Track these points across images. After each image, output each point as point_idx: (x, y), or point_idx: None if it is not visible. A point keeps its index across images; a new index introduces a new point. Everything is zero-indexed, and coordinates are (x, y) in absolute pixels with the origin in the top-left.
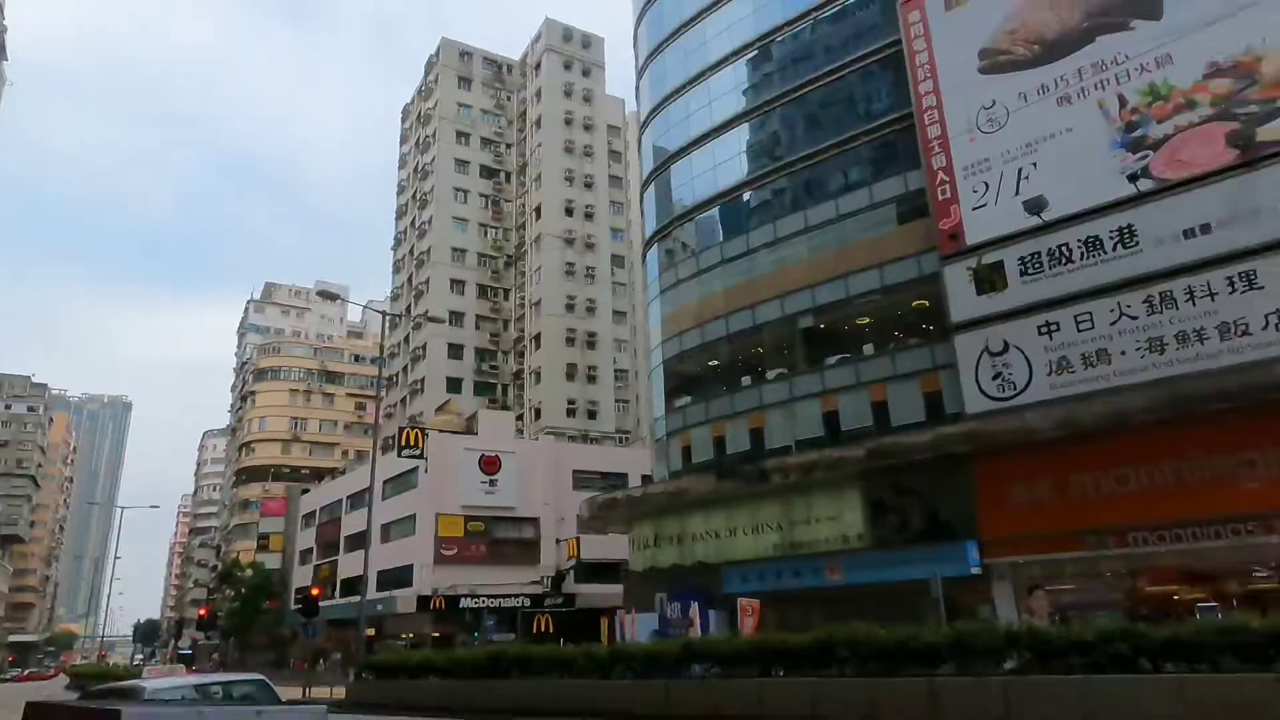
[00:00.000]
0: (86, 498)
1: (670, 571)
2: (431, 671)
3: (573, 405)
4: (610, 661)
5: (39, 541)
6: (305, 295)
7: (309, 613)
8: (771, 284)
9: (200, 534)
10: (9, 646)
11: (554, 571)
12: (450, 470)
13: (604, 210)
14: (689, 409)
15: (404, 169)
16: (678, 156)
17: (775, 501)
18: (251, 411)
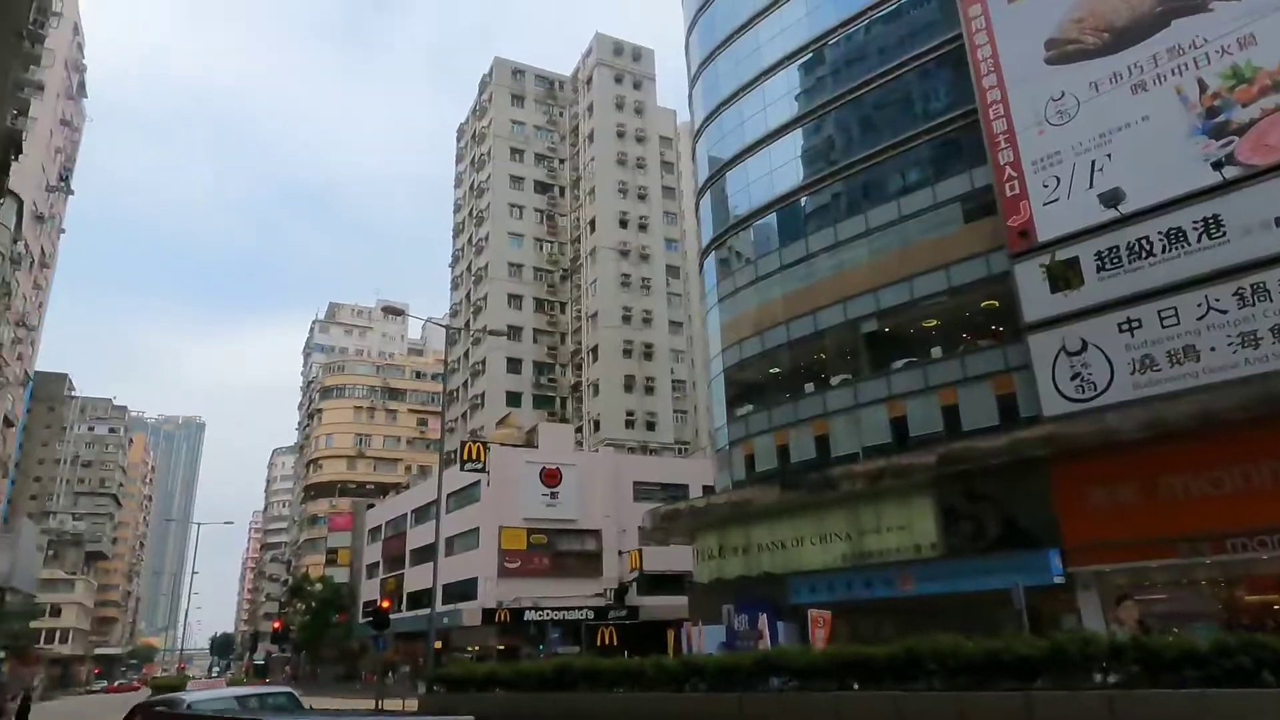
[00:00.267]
0: (164, 515)
1: (736, 583)
2: (498, 684)
3: (631, 417)
4: (682, 674)
5: (121, 558)
6: (367, 314)
7: (380, 625)
8: (832, 288)
9: (271, 549)
10: (94, 659)
11: (617, 584)
12: (512, 483)
13: (658, 221)
14: (751, 417)
15: (460, 187)
16: (733, 164)
17: (842, 510)
18: (318, 429)
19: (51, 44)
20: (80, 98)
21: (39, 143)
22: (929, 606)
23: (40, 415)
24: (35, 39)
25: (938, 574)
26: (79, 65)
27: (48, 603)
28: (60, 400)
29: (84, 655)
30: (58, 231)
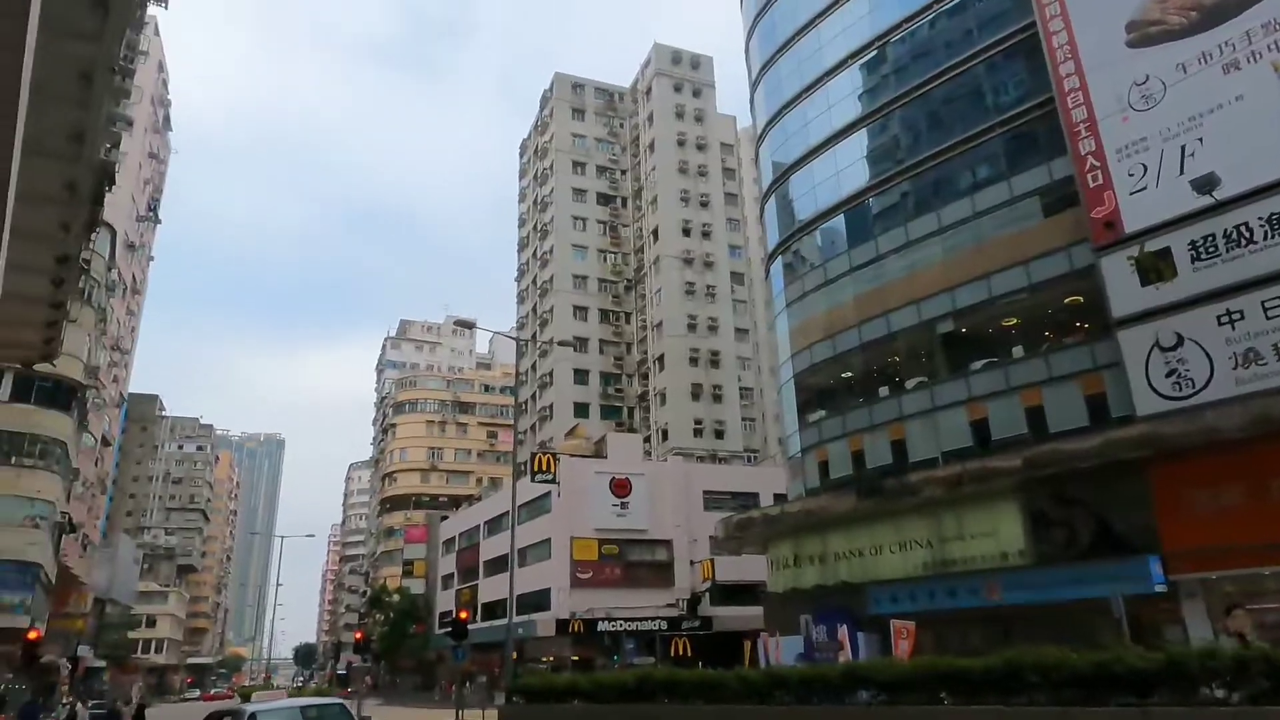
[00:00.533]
0: (248, 530)
1: (813, 592)
2: (578, 695)
3: (699, 425)
4: (766, 686)
5: (209, 570)
6: (436, 331)
7: (458, 636)
8: (905, 289)
9: (350, 561)
10: (187, 668)
11: (689, 594)
12: (582, 494)
13: (721, 228)
14: (824, 423)
15: (524, 202)
16: (797, 166)
17: (922, 517)
18: (392, 443)
19: (139, 81)
20: (165, 131)
21: (129, 175)
22: (1019, 616)
23: (134, 435)
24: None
25: (1027, 582)
26: (164, 101)
27: (144, 614)
28: (152, 420)
29: (178, 664)
30: (147, 259)
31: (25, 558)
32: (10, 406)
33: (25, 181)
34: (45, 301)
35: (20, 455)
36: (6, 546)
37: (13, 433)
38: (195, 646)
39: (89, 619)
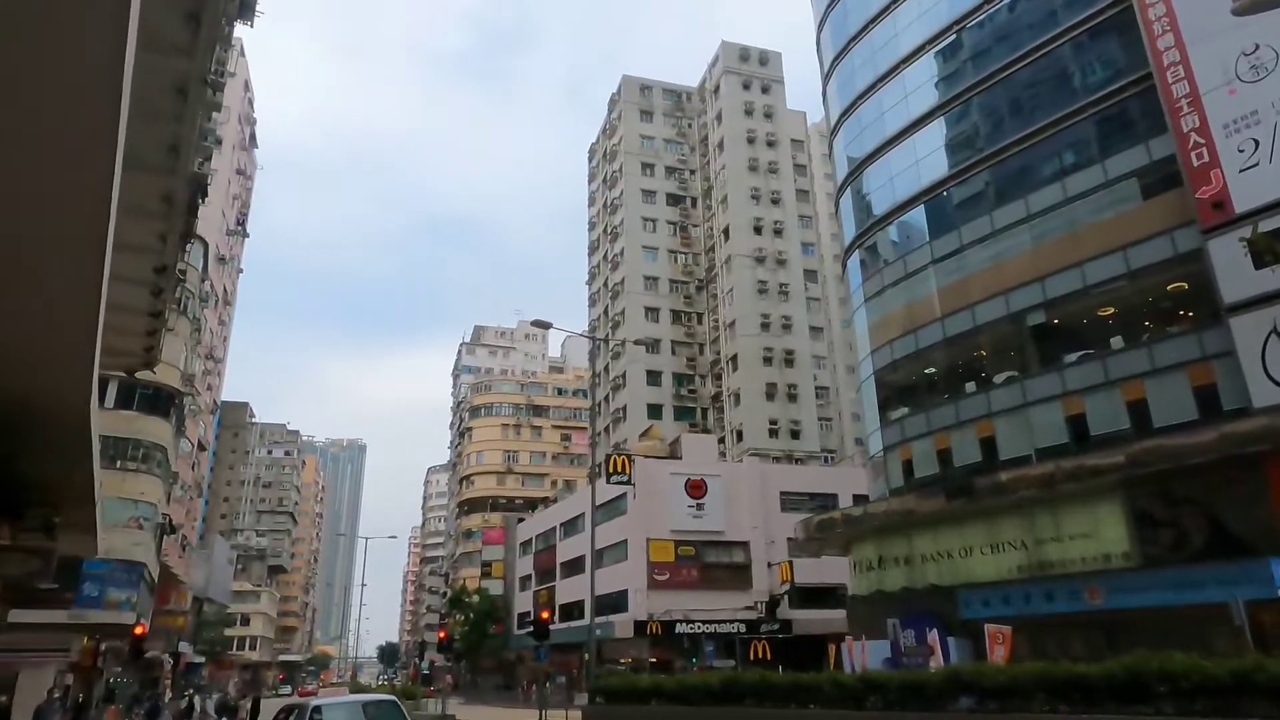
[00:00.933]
0: (333, 532)
1: (899, 595)
2: (663, 696)
3: (774, 425)
4: (861, 691)
5: (298, 571)
6: (510, 335)
7: (540, 636)
8: (991, 280)
9: (430, 562)
10: (279, 665)
11: (767, 596)
12: (657, 495)
13: (793, 225)
14: (907, 421)
15: (593, 206)
16: (874, 157)
17: (1015, 517)
18: (469, 446)
19: (226, 100)
20: (251, 148)
21: (218, 191)
22: (1123, 621)
23: (226, 441)
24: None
25: (1132, 585)
26: (250, 119)
27: (238, 612)
28: (243, 426)
29: (270, 661)
30: (237, 271)
31: (131, 557)
32: (115, 413)
33: (125, 195)
34: (145, 311)
35: (124, 459)
36: (113, 546)
37: (118, 438)
38: (286, 644)
39: (188, 616)
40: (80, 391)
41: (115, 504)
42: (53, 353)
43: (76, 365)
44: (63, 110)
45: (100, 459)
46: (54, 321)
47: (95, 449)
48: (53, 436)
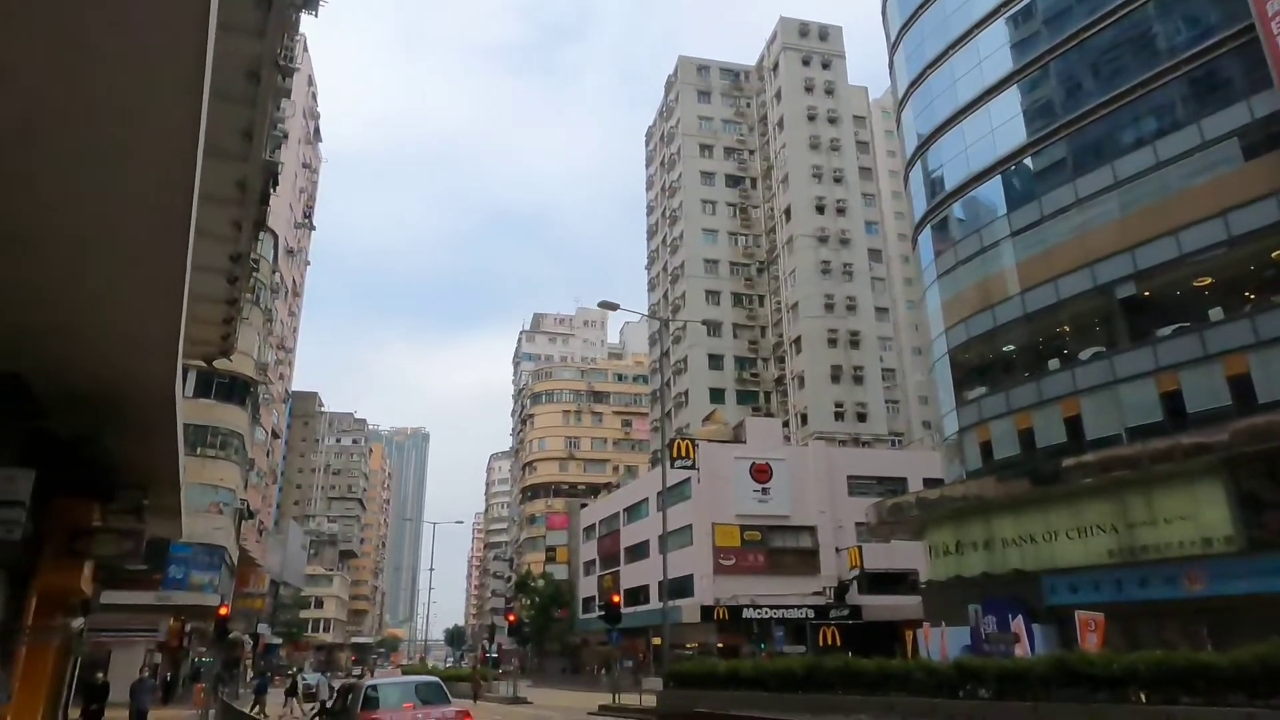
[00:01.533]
0: (398, 521)
1: (979, 581)
2: (741, 682)
3: (840, 408)
4: (958, 678)
5: (367, 556)
6: (568, 323)
7: (612, 620)
8: (1075, 252)
9: (493, 548)
10: (351, 647)
11: (836, 582)
12: (722, 480)
13: (856, 204)
14: (985, 401)
15: (651, 190)
16: (946, 127)
17: (1104, 499)
18: (531, 433)
19: (291, 95)
20: (316, 142)
21: (286, 184)
22: (1226, 608)
23: (298, 430)
24: (286, 73)
25: (1236, 571)
26: (314, 113)
27: (312, 595)
28: (313, 415)
29: (342, 643)
30: (304, 264)
31: (212, 541)
32: (194, 402)
33: (203, 181)
34: (222, 299)
35: (204, 446)
36: (195, 530)
37: (197, 425)
38: (357, 627)
39: (266, 599)
40: (166, 374)
41: (196, 489)
42: (141, 338)
43: (162, 349)
44: (147, 87)
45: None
46: (142, 307)
47: (179, 432)
48: (140, 419)
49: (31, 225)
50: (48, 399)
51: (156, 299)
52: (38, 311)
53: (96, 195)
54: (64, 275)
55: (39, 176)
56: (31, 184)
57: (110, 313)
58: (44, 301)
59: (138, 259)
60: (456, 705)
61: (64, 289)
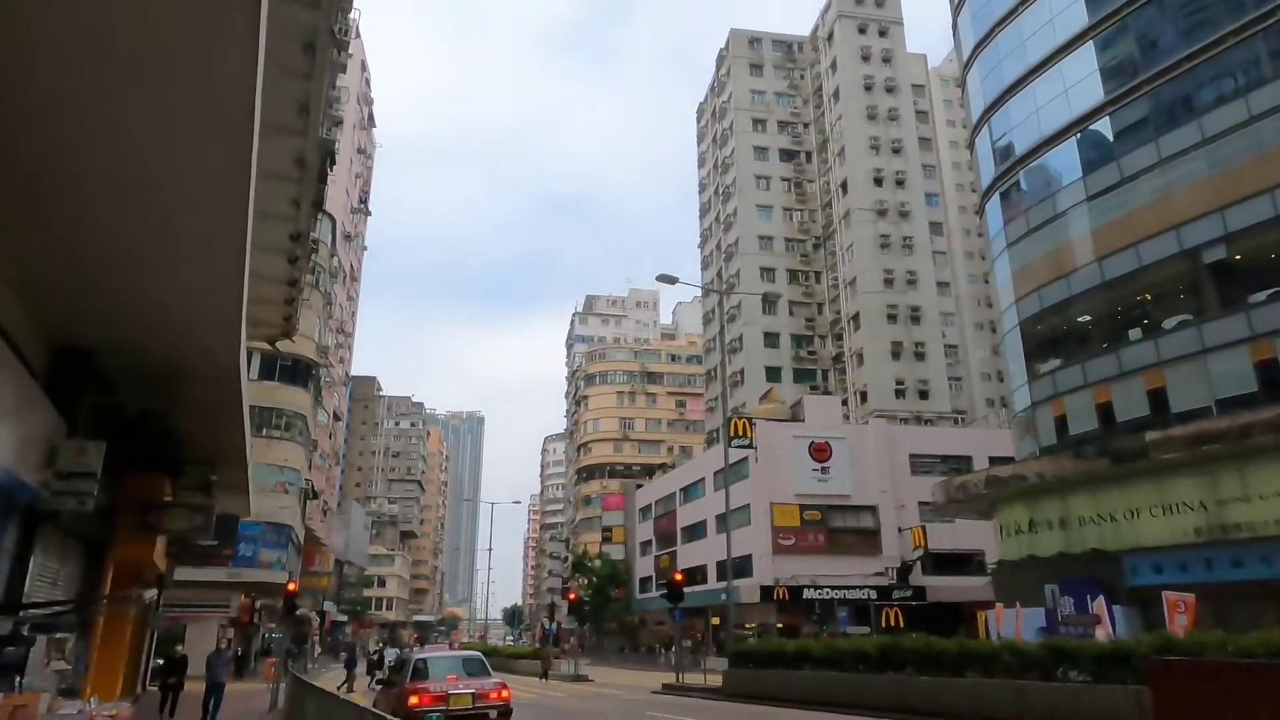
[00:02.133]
0: (456, 502)
1: (1054, 561)
2: (811, 661)
3: (901, 386)
4: (1050, 660)
5: (427, 536)
6: (621, 304)
7: (675, 598)
8: (1158, 214)
9: (549, 528)
10: (413, 625)
11: (899, 562)
12: (780, 459)
13: (916, 175)
14: (1059, 374)
15: (703, 167)
16: (1015, 89)
17: (1192, 475)
18: (585, 414)
19: (345, 81)
20: (370, 128)
21: (341, 169)
22: None
23: (358, 413)
24: (341, 47)
25: None
26: (367, 99)
27: (375, 575)
28: (372, 399)
29: (405, 621)
30: (361, 249)
31: (279, 519)
32: (258, 384)
33: (261, 158)
34: (283, 280)
35: (269, 427)
36: (263, 509)
37: (262, 407)
38: (418, 605)
39: (331, 577)
40: (230, 351)
41: (262, 470)
42: (205, 314)
43: (226, 326)
44: (205, 54)
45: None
46: (206, 283)
47: (245, 410)
48: (206, 395)
49: (97, 200)
50: (117, 374)
51: (219, 274)
52: (107, 290)
53: (159, 168)
54: (131, 253)
55: (101, 148)
56: (94, 156)
57: (176, 289)
58: (113, 280)
59: (201, 235)
60: (495, 678)
61: (132, 267)
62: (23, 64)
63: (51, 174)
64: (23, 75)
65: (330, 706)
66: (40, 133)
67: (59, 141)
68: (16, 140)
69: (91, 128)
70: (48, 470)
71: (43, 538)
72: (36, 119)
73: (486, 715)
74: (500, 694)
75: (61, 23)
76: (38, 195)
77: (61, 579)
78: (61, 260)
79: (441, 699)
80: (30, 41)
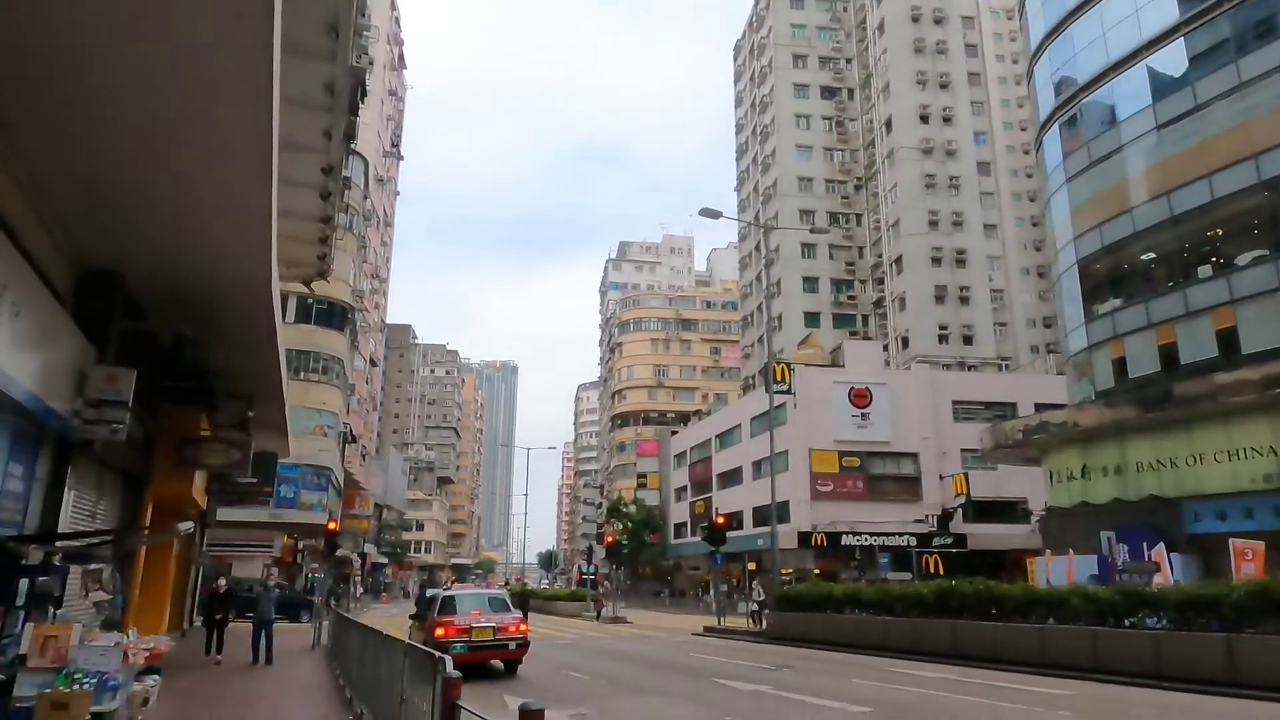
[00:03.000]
0: (491, 449)
1: (1109, 508)
2: (861, 605)
3: (944, 331)
4: (1124, 605)
5: (463, 482)
6: (655, 250)
7: (717, 541)
8: (1236, 143)
9: (583, 475)
10: (451, 568)
11: (939, 509)
12: (819, 405)
13: (965, 111)
14: (1119, 314)
15: (740, 107)
16: (1079, 12)
17: (1262, 419)
18: (619, 362)
19: (375, 20)
20: (401, 69)
21: (373, 111)
22: None
23: (394, 361)
24: None
25: None
26: (398, 39)
27: (413, 519)
28: (408, 347)
29: (443, 564)
30: (394, 194)
31: (318, 462)
32: (295, 327)
33: (286, 85)
34: (316, 217)
35: (306, 371)
36: (302, 452)
37: (300, 350)
38: (456, 549)
39: (371, 521)
40: (262, 277)
41: (301, 413)
42: (235, 236)
43: (256, 249)
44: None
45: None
46: (233, 202)
47: (280, 345)
48: (239, 327)
49: (118, 116)
50: (148, 300)
51: (246, 194)
52: (133, 213)
53: (177, 81)
54: (154, 174)
55: (121, 63)
56: (113, 70)
57: (203, 211)
58: (138, 203)
59: (225, 150)
60: (515, 614)
61: (156, 189)
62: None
63: (71, 92)
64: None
65: (374, 643)
66: (60, 45)
67: (77, 58)
68: (38, 57)
69: (110, 42)
70: (78, 398)
71: (78, 469)
72: (58, 34)
73: (506, 646)
74: (519, 628)
75: None
76: (58, 117)
77: (101, 511)
78: (84, 183)
79: (465, 631)
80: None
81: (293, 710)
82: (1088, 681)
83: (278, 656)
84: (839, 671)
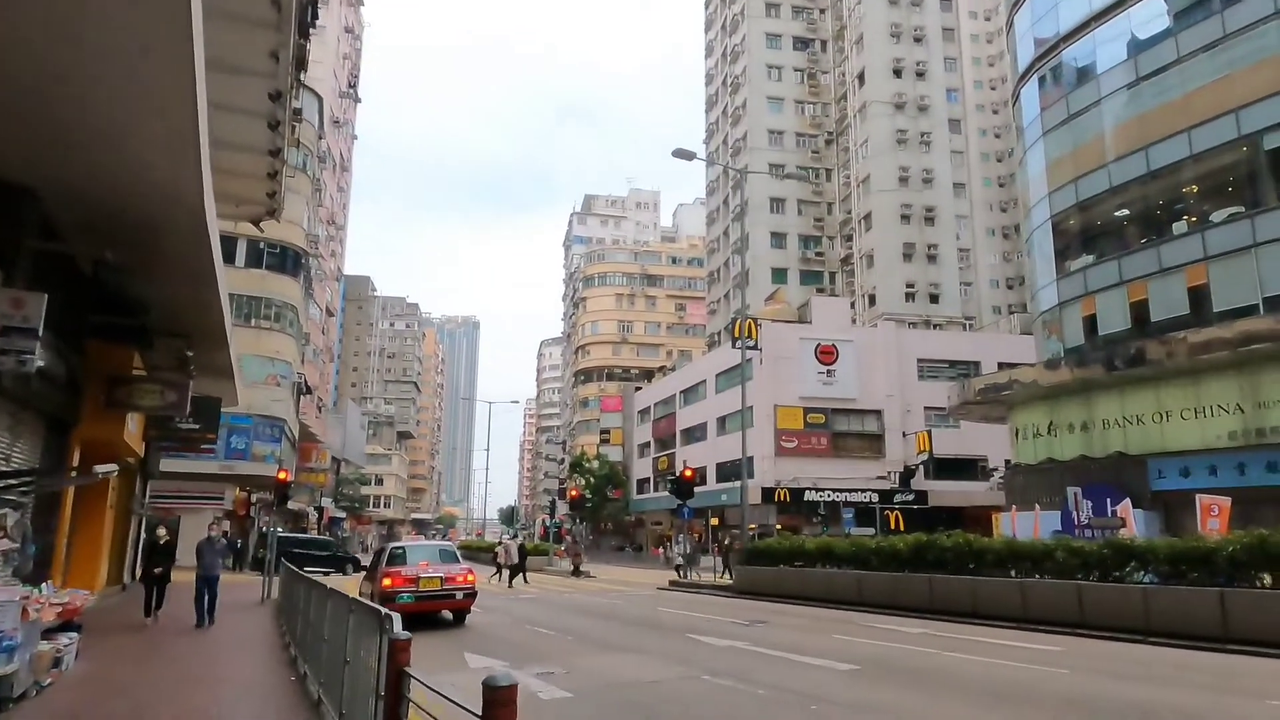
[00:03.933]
0: (452, 404)
1: (1073, 464)
2: (835, 560)
3: (911, 289)
4: (1113, 558)
5: (424, 437)
6: (620, 204)
7: (685, 495)
8: (1216, 97)
9: (545, 431)
10: (411, 523)
11: (902, 466)
12: (785, 361)
13: (937, 68)
14: (1090, 271)
15: (711, 57)
16: None
17: (1230, 377)
18: (583, 317)
19: None
20: (358, 4)
21: (328, 49)
22: None
23: (352, 313)
24: None
25: None
26: None
27: (372, 473)
28: (366, 299)
29: (403, 519)
30: (351, 138)
31: (271, 413)
32: (246, 272)
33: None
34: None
35: (258, 317)
36: (254, 402)
37: (250, 296)
38: (416, 504)
39: (328, 474)
40: (192, 197)
41: (253, 361)
42: (158, 147)
43: (184, 166)
44: None
45: (234, 315)
46: (155, 109)
47: (220, 279)
48: (174, 253)
49: None
50: (68, 223)
51: (167, 96)
52: (46, 117)
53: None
54: (65, 64)
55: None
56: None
57: (121, 117)
58: (49, 102)
59: (140, 43)
60: (464, 565)
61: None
62: None
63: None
64: None
65: (320, 597)
66: None
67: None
68: None
69: None
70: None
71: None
72: None
73: (453, 595)
74: (466, 578)
75: None
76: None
77: (17, 455)
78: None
79: (412, 581)
80: None
81: (229, 669)
82: (1073, 636)
83: (224, 611)
84: (817, 628)
